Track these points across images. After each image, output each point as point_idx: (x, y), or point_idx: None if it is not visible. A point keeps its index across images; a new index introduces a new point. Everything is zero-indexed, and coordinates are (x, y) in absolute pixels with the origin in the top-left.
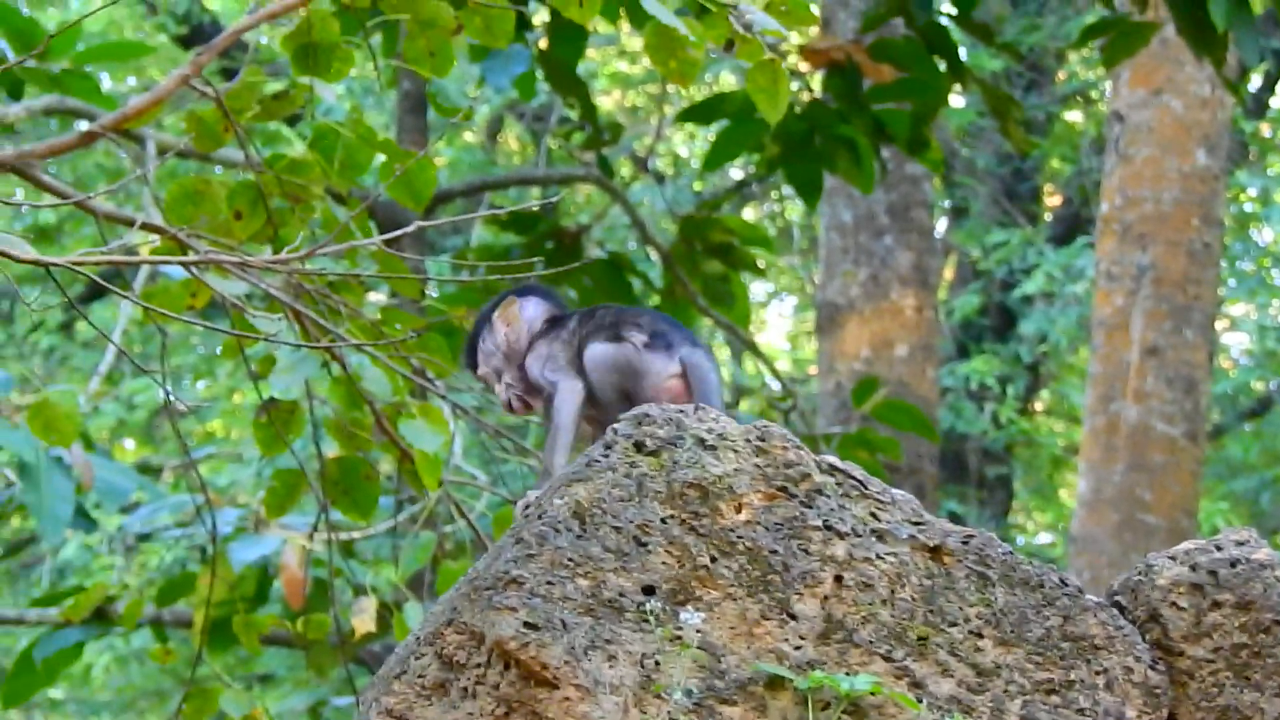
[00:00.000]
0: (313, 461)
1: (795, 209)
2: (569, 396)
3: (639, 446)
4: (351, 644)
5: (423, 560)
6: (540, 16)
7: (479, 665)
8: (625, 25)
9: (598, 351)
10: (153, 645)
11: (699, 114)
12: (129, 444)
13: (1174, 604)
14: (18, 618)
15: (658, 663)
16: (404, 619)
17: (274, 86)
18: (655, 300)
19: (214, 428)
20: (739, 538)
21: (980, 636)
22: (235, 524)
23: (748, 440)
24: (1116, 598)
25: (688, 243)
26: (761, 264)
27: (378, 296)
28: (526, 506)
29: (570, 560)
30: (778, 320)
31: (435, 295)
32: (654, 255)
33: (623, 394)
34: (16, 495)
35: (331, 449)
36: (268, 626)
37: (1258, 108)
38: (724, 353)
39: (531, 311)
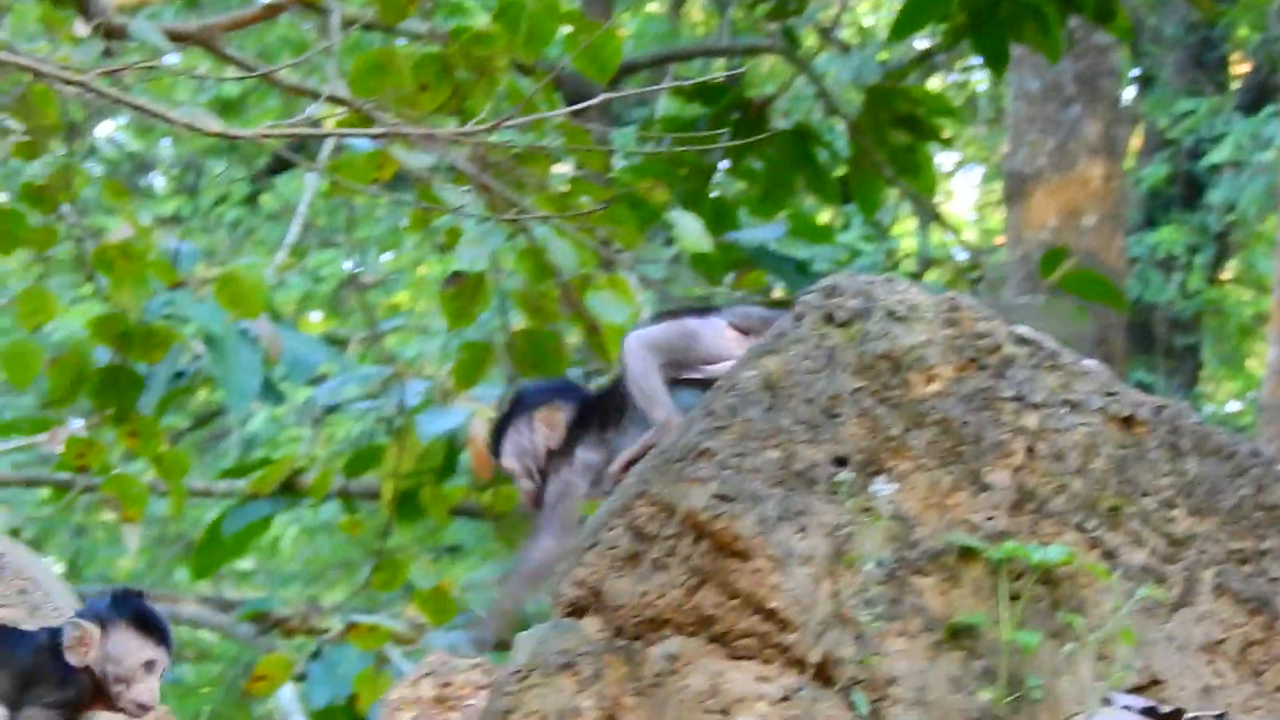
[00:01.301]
0: (500, 333)
1: (982, 79)
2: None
3: (829, 318)
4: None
5: None
6: None
7: (670, 537)
8: None
9: (649, 334)
10: (341, 517)
11: None
12: (315, 316)
13: None
14: (206, 490)
15: (849, 534)
16: None
17: None
18: (841, 171)
19: (399, 300)
20: (930, 409)
21: (1172, 506)
22: (423, 396)
23: (938, 312)
24: None
25: (874, 113)
26: (948, 134)
27: (564, 168)
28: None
29: (761, 432)
30: (964, 190)
31: (621, 167)
32: (840, 126)
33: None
34: (204, 368)
35: (518, 321)
36: (456, 498)
37: None
38: (911, 223)
39: (566, 419)
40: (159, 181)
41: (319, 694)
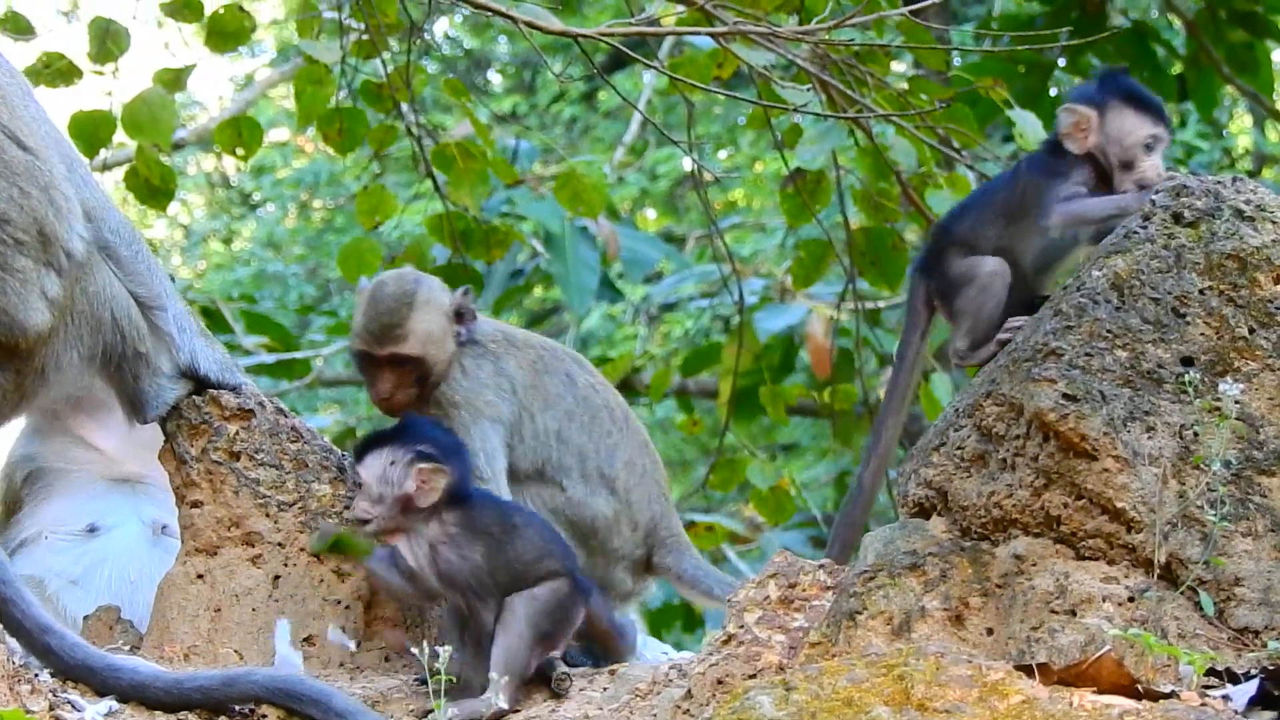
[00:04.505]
0: (839, 231)
1: None
2: None
3: (1177, 218)
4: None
5: None
6: None
7: (1018, 437)
8: None
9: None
10: (678, 415)
11: None
12: (651, 214)
13: None
14: None
15: (1196, 434)
16: (930, 390)
17: None
18: (1178, 69)
19: (736, 197)
20: (1278, 309)
21: None
22: (761, 294)
23: None
24: None
25: (1212, 10)
26: None
27: (903, 66)
28: None
29: (1109, 332)
30: None
31: (960, 64)
32: (1178, 24)
33: None
34: (542, 265)
35: (858, 219)
36: (794, 396)
37: None
38: (1247, 121)
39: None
40: (495, 79)
41: (654, 594)
